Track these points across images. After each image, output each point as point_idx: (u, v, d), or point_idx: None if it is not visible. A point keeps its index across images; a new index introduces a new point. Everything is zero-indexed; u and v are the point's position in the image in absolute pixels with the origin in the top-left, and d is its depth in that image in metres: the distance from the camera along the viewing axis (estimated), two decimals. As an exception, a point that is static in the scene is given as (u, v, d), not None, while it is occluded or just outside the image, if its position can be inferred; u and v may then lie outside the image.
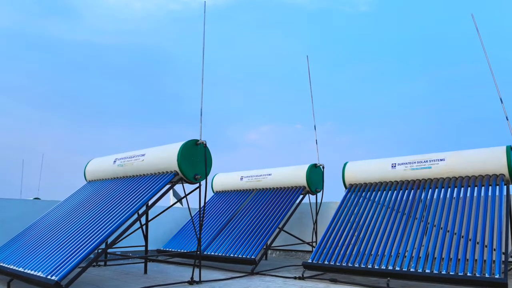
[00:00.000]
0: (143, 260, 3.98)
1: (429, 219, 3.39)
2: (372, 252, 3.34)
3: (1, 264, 3.24)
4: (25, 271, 2.89)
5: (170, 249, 4.84)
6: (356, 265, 3.27)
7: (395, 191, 3.95)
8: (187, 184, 3.70)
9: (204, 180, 3.58)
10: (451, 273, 2.82)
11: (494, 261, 2.86)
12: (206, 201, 5.21)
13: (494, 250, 2.99)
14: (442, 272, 2.85)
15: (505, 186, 3.45)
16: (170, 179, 3.54)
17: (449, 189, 3.65)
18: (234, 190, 5.56)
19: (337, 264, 3.38)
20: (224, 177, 5.74)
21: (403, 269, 3.03)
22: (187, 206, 4.09)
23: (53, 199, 4.82)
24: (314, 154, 4.99)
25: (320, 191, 4.98)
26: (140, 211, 4.73)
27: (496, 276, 2.67)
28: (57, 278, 2.59)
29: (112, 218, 3.24)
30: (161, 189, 3.47)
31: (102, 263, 4.54)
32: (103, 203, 3.66)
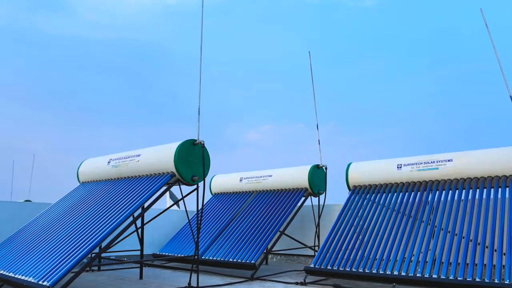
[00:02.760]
0: (139, 265, 3.94)
1: (436, 222, 3.37)
2: (377, 257, 3.31)
3: (-10, 269, 3.18)
4: (16, 276, 2.86)
5: (166, 254, 4.81)
6: (360, 270, 3.23)
7: (401, 193, 3.93)
8: (184, 185, 3.69)
9: (202, 182, 3.56)
10: (459, 278, 2.79)
11: (504, 266, 2.83)
12: (204, 203, 5.13)
13: (504, 254, 2.94)
14: (450, 277, 2.81)
15: (515, 188, 3.41)
16: (167, 180, 3.51)
17: (457, 191, 3.62)
18: (233, 192, 5.50)
19: (341, 269, 3.34)
20: (222, 179, 5.69)
21: (409, 274, 2.99)
22: (184, 209, 4.02)
23: (44, 201, 4.77)
24: (317, 154, 4.95)
25: (322, 193, 4.95)
26: (136, 214, 4.65)
27: (506, 282, 2.64)
28: (49, 283, 2.57)
29: (106, 221, 3.21)
30: (157, 191, 3.44)
31: (96, 268, 4.49)
32: (96, 205, 3.62)
